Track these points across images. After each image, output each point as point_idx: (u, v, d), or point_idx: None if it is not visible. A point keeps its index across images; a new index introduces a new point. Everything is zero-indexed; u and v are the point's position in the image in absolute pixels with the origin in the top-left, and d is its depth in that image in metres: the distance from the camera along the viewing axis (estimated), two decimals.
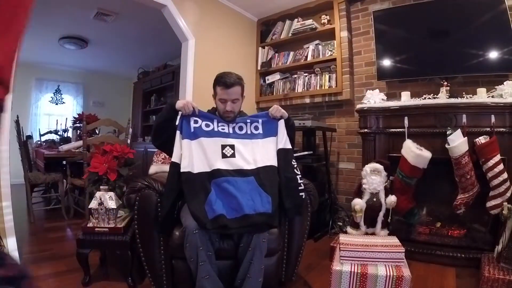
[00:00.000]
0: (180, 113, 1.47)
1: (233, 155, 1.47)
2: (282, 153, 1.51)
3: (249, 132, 1.55)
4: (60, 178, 3.12)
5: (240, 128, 1.55)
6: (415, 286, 1.64)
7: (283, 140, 1.54)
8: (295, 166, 1.51)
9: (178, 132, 1.45)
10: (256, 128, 1.56)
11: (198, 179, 1.38)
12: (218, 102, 1.56)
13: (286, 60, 3.38)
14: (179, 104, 1.45)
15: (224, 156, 1.46)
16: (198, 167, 1.40)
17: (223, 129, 1.52)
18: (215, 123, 1.52)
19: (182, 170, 1.38)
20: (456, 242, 2.09)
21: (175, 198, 1.38)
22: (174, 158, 1.42)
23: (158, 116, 1.55)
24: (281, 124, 1.56)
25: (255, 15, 3.56)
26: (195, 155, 1.42)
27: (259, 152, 1.51)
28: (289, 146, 1.55)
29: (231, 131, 1.53)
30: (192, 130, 1.45)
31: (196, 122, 1.47)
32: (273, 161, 1.50)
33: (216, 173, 1.41)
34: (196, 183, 1.37)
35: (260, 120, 1.57)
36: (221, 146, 1.47)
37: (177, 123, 1.48)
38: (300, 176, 1.50)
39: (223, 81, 1.51)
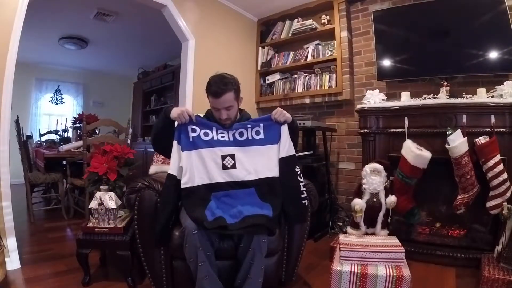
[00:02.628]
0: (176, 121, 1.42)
1: (233, 166, 1.43)
2: (284, 162, 1.46)
3: (250, 137, 1.48)
4: (60, 178, 3.12)
5: (241, 134, 1.49)
6: (415, 286, 1.63)
7: (286, 146, 1.47)
8: (298, 172, 1.46)
9: (175, 142, 1.41)
10: (258, 133, 1.49)
11: (198, 192, 1.36)
12: (213, 109, 1.51)
13: (286, 60, 3.38)
14: (173, 114, 1.39)
15: (224, 167, 1.42)
16: (198, 180, 1.38)
17: (222, 137, 1.46)
18: (214, 131, 1.46)
19: (182, 186, 1.35)
20: (456, 242, 2.09)
21: (170, 212, 1.36)
22: (171, 170, 1.38)
23: (155, 125, 1.52)
24: (284, 128, 1.49)
25: (255, 15, 3.56)
26: (195, 167, 1.38)
27: (260, 161, 1.46)
28: (293, 152, 1.49)
29: (231, 138, 1.48)
30: (191, 140, 1.41)
31: (194, 131, 1.42)
32: (275, 171, 1.46)
33: (217, 187, 1.39)
34: (196, 195, 1.35)
35: (261, 124, 1.50)
36: (221, 157, 1.43)
37: (175, 125, 1.44)
38: (303, 183, 1.46)
39: (213, 90, 1.42)
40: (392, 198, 1.94)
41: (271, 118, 1.50)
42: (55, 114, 5.58)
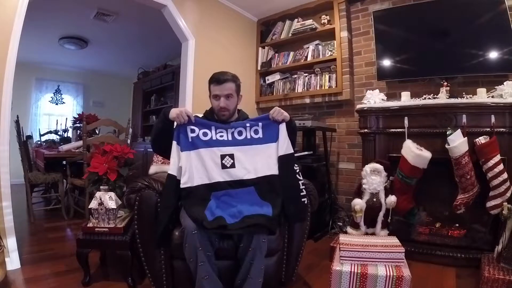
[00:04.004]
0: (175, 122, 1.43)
1: (233, 165, 1.44)
2: (283, 160, 1.47)
3: (248, 137, 1.50)
4: (60, 178, 3.12)
5: (240, 133, 1.50)
6: (415, 286, 1.63)
7: (284, 145, 1.48)
8: (297, 171, 1.47)
9: (174, 143, 1.41)
10: (256, 132, 1.50)
11: (198, 191, 1.36)
12: (213, 99, 1.55)
13: (286, 60, 3.38)
14: (172, 114, 1.40)
15: (224, 166, 1.43)
16: (198, 180, 1.38)
17: (221, 136, 1.47)
18: (213, 131, 1.47)
19: (182, 186, 1.36)
20: (456, 242, 2.09)
21: (171, 213, 1.36)
22: (171, 170, 1.39)
23: (154, 126, 1.53)
24: (282, 127, 1.50)
25: (255, 15, 3.57)
26: (194, 167, 1.39)
27: (259, 160, 1.47)
28: (291, 151, 1.50)
29: (230, 137, 1.49)
30: (190, 140, 1.42)
31: (193, 131, 1.43)
32: (274, 169, 1.46)
33: (216, 186, 1.40)
34: (196, 195, 1.35)
35: (260, 124, 1.51)
36: (220, 157, 1.44)
37: (174, 126, 1.44)
38: (302, 181, 1.47)
39: (216, 77, 1.52)
40: (392, 198, 1.95)
41: (269, 117, 1.51)
42: (55, 114, 5.58)
